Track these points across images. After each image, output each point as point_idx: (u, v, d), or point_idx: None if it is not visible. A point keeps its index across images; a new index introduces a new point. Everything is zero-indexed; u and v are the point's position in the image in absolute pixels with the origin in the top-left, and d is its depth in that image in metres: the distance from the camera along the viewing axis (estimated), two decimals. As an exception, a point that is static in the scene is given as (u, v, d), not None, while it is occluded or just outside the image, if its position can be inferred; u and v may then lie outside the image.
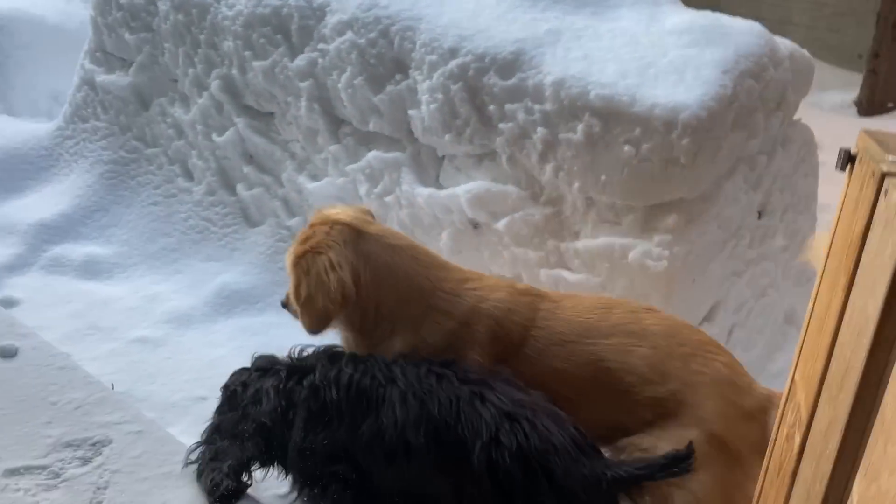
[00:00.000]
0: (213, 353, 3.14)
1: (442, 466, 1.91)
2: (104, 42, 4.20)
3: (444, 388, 1.94)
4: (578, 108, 2.51)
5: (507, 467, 1.83)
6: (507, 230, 2.77)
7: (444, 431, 1.91)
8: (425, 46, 2.85)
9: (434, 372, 1.99)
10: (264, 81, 3.44)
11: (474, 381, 1.95)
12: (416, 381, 1.97)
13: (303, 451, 2.04)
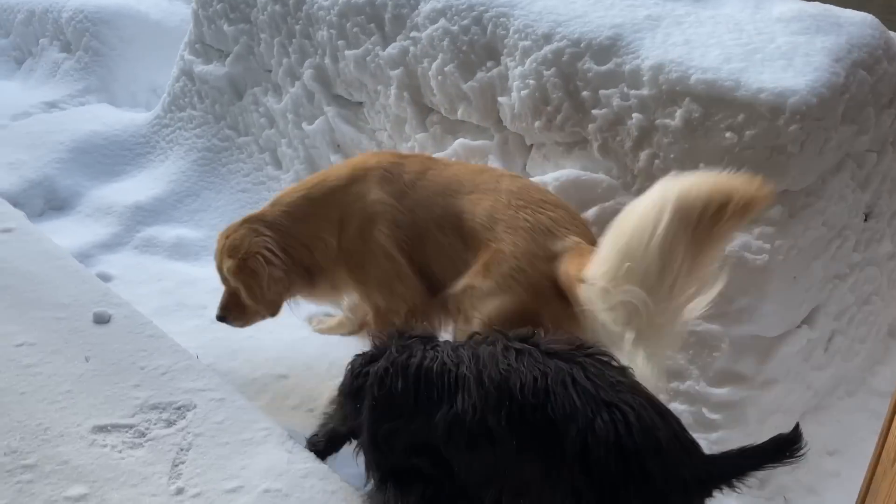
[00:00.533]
0: (294, 335, 3.17)
1: (530, 451, 1.77)
2: (203, 34, 4.34)
3: (527, 365, 1.81)
4: (678, 93, 2.42)
5: (603, 460, 1.68)
6: (595, 220, 2.69)
7: (530, 413, 1.76)
8: (519, 32, 2.82)
9: (512, 348, 1.86)
10: (355, 70, 3.47)
11: (562, 355, 1.83)
12: (492, 361, 1.84)
13: (375, 442, 1.96)
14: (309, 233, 2.66)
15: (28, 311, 2.74)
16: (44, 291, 2.86)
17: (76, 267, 3.11)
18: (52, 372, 2.44)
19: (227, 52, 4.23)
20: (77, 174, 4.41)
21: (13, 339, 2.57)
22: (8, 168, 4.35)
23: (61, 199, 4.30)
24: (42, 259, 3.10)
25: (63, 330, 2.65)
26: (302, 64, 3.76)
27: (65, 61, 5.52)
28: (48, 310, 2.75)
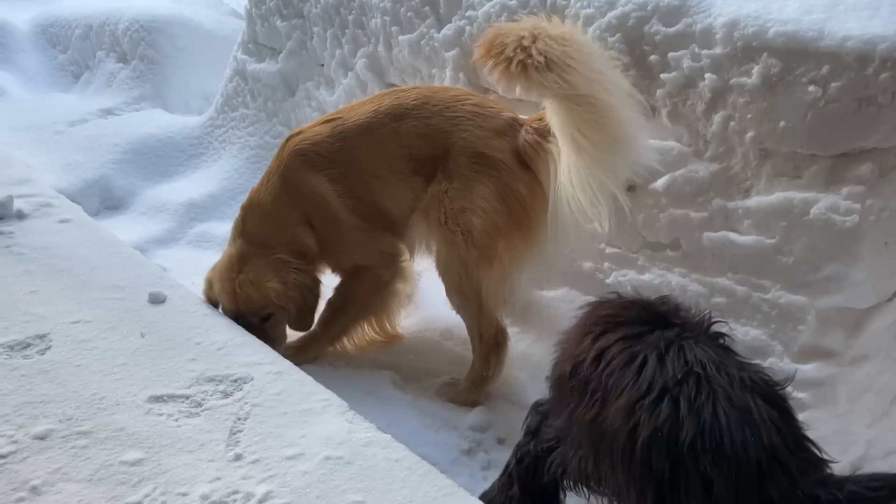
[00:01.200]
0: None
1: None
2: (257, 33, 4.36)
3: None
4: (754, 49, 2.29)
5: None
6: (665, 190, 2.56)
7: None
8: (580, 1, 2.73)
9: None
10: (410, 56, 3.42)
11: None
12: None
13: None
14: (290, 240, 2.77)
15: (84, 292, 2.71)
16: (100, 274, 2.84)
17: (131, 253, 3.10)
18: (107, 346, 2.39)
19: (279, 49, 4.24)
20: (132, 175, 4.45)
21: (69, 317, 2.54)
22: (66, 169, 4.42)
23: (116, 199, 4.34)
24: (98, 246, 3.08)
25: (119, 309, 2.61)
26: (355, 54, 3.73)
27: (121, 71, 5.62)
28: (104, 291, 2.72)
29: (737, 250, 2.43)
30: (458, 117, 2.51)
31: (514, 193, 2.44)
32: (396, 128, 2.57)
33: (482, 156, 2.46)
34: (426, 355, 2.96)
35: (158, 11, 5.70)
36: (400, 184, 2.60)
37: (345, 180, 2.65)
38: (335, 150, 2.65)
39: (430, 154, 2.53)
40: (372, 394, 2.69)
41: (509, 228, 2.45)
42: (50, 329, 2.45)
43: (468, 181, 2.46)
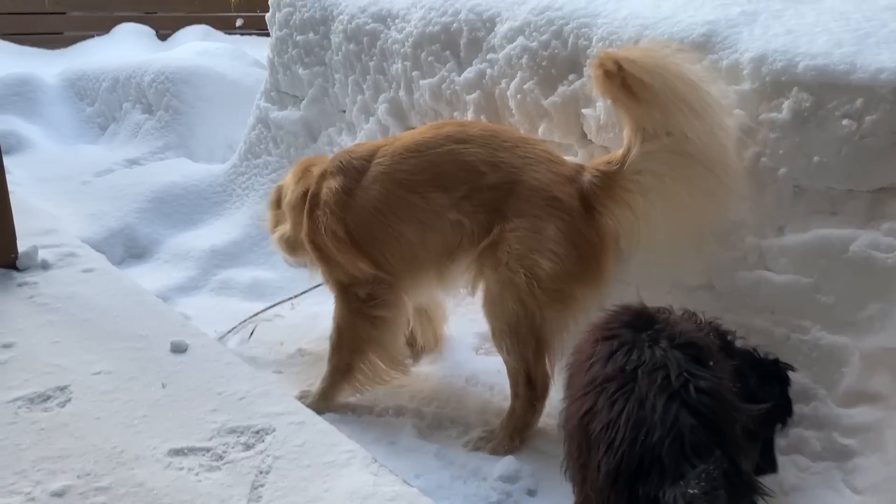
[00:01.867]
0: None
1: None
2: (279, 81, 4.41)
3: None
4: (784, 84, 2.25)
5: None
6: (696, 230, 2.49)
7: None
8: (603, 41, 2.71)
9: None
10: (431, 100, 3.42)
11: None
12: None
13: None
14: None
15: (106, 342, 2.68)
16: (122, 324, 2.82)
17: (154, 301, 3.08)
18: (128, 398, 2.35)
19: (301, 96, 4.28)
20: (156, 223, 4.47)
21: (90, 368, 2.51)
22: (91, 218, 4.45)
23: (141, 247, 4.35)
24: (121, 295, 3.07)
25: (140, 359, 2.58)
26: (376, 100, 3.74)
27: (146, 122, 5.71)
28: (126, 340, 2.70)
29: (773, 290, 2.35)
30: (529, 157, 2.47)
31: (587, 239, 2.38)
32: (459, 150, 2.51)
33: (556, 199, 2.39)
34: (451, 402, 2.88)
35: (183, 63, 5.80)
36: (442, 202, 2.51)
37: (362, 197, 2.62)
38: (373, 165, 2.64)
39: (493, 184, 2.45)
40: (396, 443, 2.62)
41: (579, 274, 2.40)
42: (71, 380, 2.42)
43: (539, 222, 2.38)
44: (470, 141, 2.52)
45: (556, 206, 2.39)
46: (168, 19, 9.19)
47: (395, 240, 2.61)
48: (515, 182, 2.43)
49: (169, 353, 2.61)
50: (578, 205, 2.39)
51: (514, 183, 2.43)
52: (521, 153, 2.48)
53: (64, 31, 8.69)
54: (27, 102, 6.21)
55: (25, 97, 6.28)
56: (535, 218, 2.38)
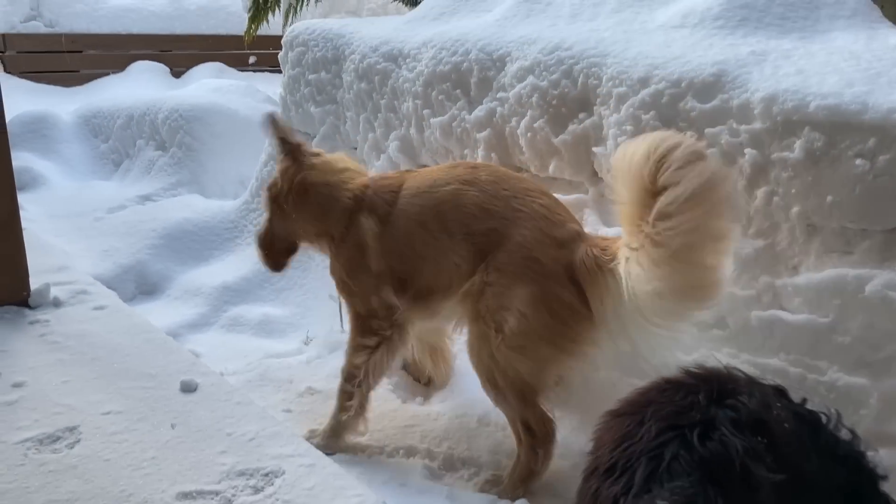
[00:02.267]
0: (381, 408, 3.00)
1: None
2: (291, 119, 4.45)
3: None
4: (795, 123, 2.24)
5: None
6: (709, 268, 2.48)
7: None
8: (613, 80, 2.72)
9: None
10: (441, 137, 3.44)
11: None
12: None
13: None
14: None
15: (115, 381, 2.68)
16: (132, 362, 2.81)
17: (164, 339, 3.07)
18: (137, 439, 2.33)
19: (313, 133, 4.31)
20: (168, 259, 4.49)
21: (100, 408, 2.50)
22: (103, 255, 4.48)
23: (151, 284, 4.37)
24: (132, 333, 3.07)
25: (150, 398, 2.56)
26: (387, 137, 3.77)
27: (159, 158, 5.78)
28: (136, 379, 2.69)
29: (788, 329, 2.32)
30: (523, 212, 2.43)
31: (560, 301, 2.35)
32: (462, 191, 2.54)
33: (535, 260, 2.37)
34: (463, 442, 2.84)
35: (197, 101, 5.89)
36: (447, 243, 2.54)
37: (391, 228, 2.66)
38: (400, 196, 2.67)
39: (484, 230, 2.47)
40: (407, 485, 2.59)
41: (549, 333, 2.38)
42: (80, 421, 2.41)
43: (514, 280, 2.38)
44: (474, 184, 2.54)
45: (534, 267, 2.37)
46: (182, 57, 9.36)
47: (418, 273, 2.63)
48: (503, 235, 2.43)
49: (178, 393, 2.60)
50: (560, 269, 2.35)
51: (502, 235, 2.43)
52: (516, 204, 2.45)
53: (80, 69, 8.86)
54: (42, 139, 6.31)
55: (41, 134, 6.38)
56: (512, 275, 2.39)
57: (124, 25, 8.96)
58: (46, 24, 8.71)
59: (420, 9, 4.06)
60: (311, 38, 4.26)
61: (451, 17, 3.81)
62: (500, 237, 2.42)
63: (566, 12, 3.26)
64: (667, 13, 2.97)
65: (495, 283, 2.41)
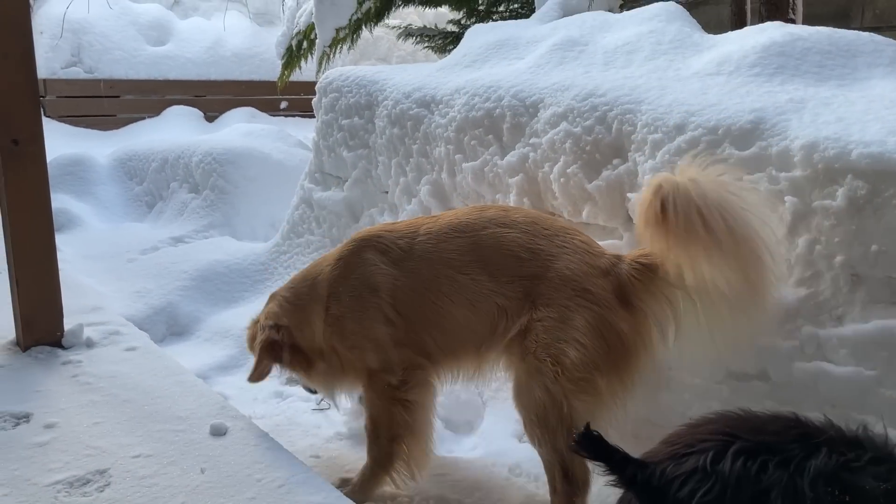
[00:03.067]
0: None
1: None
2: (323, 163, 4.50)
3: None
4: (837, 171, 2.21)
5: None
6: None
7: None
8: (647, 126, 2.72)
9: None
10: (473, 182, 3.45)
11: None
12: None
13: None
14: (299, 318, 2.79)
15: (146, 424, 2.67)
16: (163, 404, 2.81)
17: (194, 382, 3.07)
18: (167, 483, 2.31)
19: (345, 178, 4.35)
20: (198, 301, 4.52)
21: (130, 451, 2.49)
22: (135, 296, 4.51)
23: (182, 325, 4.39)
24: (162, 375, 3.08)
25: (180, 442, 2.55)
26: (419, 182, 3.79)
27: (192, 201, 5.86)
28: (166, 422, 2.68)
29: (833, 382, 2.25)
30: (566, 247, 2.46)
31: (615, 331, 2.33)
32: (502, 234, 2.52)
33: (586, 290, 2.37)
34: (494, 493, 2.78)
35: (230, 144, 5.99)
36: (489, 287, 2.49)
37: (411, 276, 2.59)
38: (416, 243, 2.62)
39: (530, 272, 2.45)
40: (438, 538, 2.53)
41: (607, 365, 2.35)
42: (110, 464, 2.39)
43: (567, 312, 2.36)
44: (513, 226, 2.53)
45: (586, 297, 2.37)
46: (216, 102, 9.57)
47: (444, 320, 2.55)
48: (549, 270, 2.43)
49: (209, 436, 2.58)
50: (611, 297, 2.36)
51: (548, 270, 2.43)
52: (559, 242, 2.47)
53: (117, 113, 9.08)
54: (79, 182, 6.45)
55: (78, 176, 6.52)
56: (564, 308, 2.37)
57: (161, 71, 9.21)
58: (86, 70, 8.97)
59: (452, 56, 4.12)
60: (345, 85, 4.33)
61: (483, 64, 3.86)
62: (545, 273, 2.42)
63: (599, 60, 3.28)
64: (701, 61, 2.97)
65: (545, 318, 2.37)
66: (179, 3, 10.08)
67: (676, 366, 2.65)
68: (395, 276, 2.61)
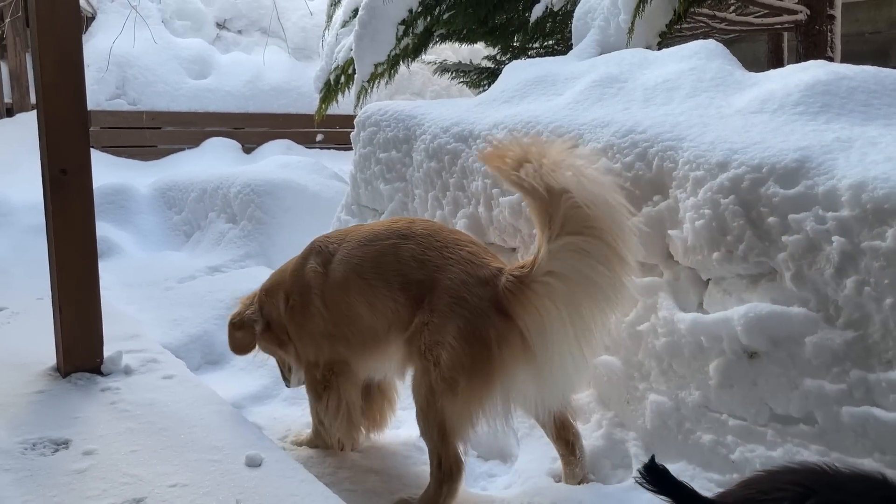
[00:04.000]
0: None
1: None
2: (360, 195, 4.54)
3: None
4: (886, 212, 2.17)
5: None
6: (794, 359, 2.37)
7: None
8: (689, 164, 2.70)
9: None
10: (510, 216, 3.45)
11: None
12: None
13: None
14: (272, 305, 3.29)
15: (183, 453, 2.68)
16: (199, 434, 2.82)
17: (230, 411, 3.08)
18: (202, 514, 2.31)
19: (381, 210, 4.38)
20: (234, 330, 4.54)
21: (167, 480, 2.49)
22: (173, 324, 4.56)
23: (217, 354, 4.41)
24: (199, 404, 3.10)
25: (216, 472, 2.55)
26: (455, 215, 3.80)
27: (230, 231, 5.94)
28: (203, 452, 2.68)
29: (883, 428, 2.18)
30: (451, 258, 2.74)
31: (482, 337, 2.59)
32: (399, 244, 2.85)
33: (462, 299, 2.65)
34: (390, 475, 2.99)
35: (269, 176, 6.08)
36: (384, 292, 2.83)
37: (334, 275, 2.99)
38: (341, 248, 3.02)
39: (418, 279, 2.76)
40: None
41: (470, 367, 2.59)
42: (147, 493, 2.40)
43: (445, 318, 2.65)
44: (411, 237, 2.85)
45: (461, 305, 2.64)
46: (253, 134, 9.75)
47: (355, 316, 2.92)
48: (434, 280, 2.72)
49: (244, 467, 2.58)
50: (486, 304, 2.62)
51: (434, 281, 2.72)
52: (446, 253, 2.76)
53: (158, 144, 9.30)
54: (120, 210, 6.58)
55: (119, 205, 6.65)
56: (442, 314, 2.66)
57: (202, 104, 9.42)
58: (130, 102, 9.22)
59: (490, 92, 4.16)
60: (383, 119, 4.39)
61: (521, 100, 3.88)
62: (432, 283, 2.72)
63: (639, 97, 3.28)
64: (743, 99, 2.96)
65: (430, 322, 2.68)
66: (221, 37, 10.35)
67: (717, 407, 2.59)
68: (322, 275, 3.03)
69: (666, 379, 2.76)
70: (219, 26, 10.36)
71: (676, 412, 2.71)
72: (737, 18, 5.65)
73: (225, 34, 10.28)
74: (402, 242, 2.84)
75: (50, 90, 3.20)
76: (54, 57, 3.18)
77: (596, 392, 3.05)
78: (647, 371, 2.83)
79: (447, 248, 2.77)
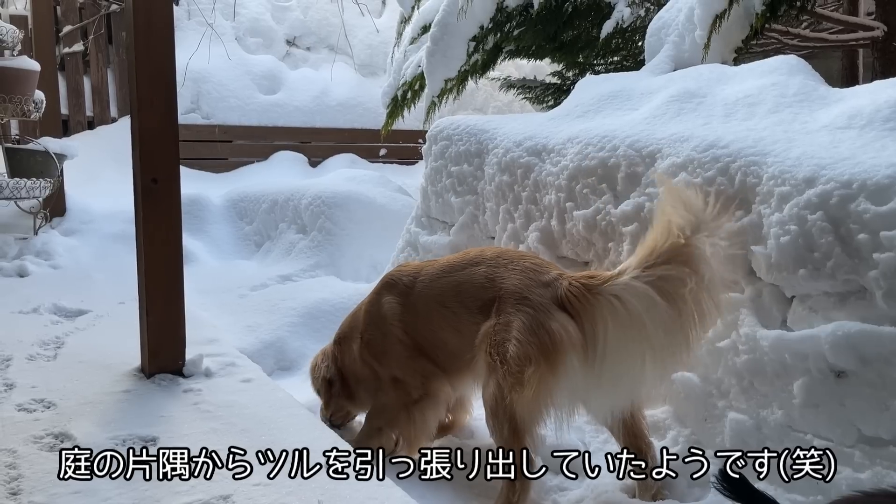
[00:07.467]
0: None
1: None
2: (430, 207, 4.60)
3: None
4: None
5: None
6: (884, 380, 2.31)
7: None
8: (774, 179, 2.67)
9: None
10: (584, 230, 3.45)
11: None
12: None
13: None
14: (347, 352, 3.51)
15: (264, 454, 2.75)
16: (279, 435, 2.89)
17: (307, 415, 3.15)
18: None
19: (451, 222, 4.44)
20: (305, 337, 4.66)
21: (252, 479, 2.56)
22: (246, 330, 4.70)
23: (289, 360, 4.52)
24: (277, 406, 3.18)
25: (297, 473, 2.61)
26: (527, 228, 3.83)
27: (300, 241, 6.08)
28: (283, 453, 2.75)
29: (984, 453, 2.11)
30: (515, 269, 2.94)
31: (545, 329, 2.69)
32: (473, 270, 3.05)
33: (524, 298, 2.81)
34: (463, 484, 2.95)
35: (338, 188, 6.21)
36: (466, 317, 3.00)
37: (413, 306, 3.20)
38: (417, 281, 3.22)
39: (490, 297, 2.93)
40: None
41: (537, 357, 2.67)
42: (233, 490, 2.48)
43: (510, 317, 2.79)
44: (482, 262, 3.06)
45: (524, 303, 2.80)
46: (319, 148, 9.95)
47: (442, 343, 3.12)
48: (501, 289, 2.91)
49: (324, 469, 2.64)
50: (548, 302, 2.77)
51: (501, 290, 2.91)
52: (512, 268, 2.95)
53: (228, 157, 9.58)
54: (195, 220, 6.80)
55: (194, 215, 6.88)
56: (508, 314, 2.82)
57: (271, 118, 9.67)
58: (203, 116, 9.52)
59: (563, 107, 4.18)
60: (455, 133, 4.45)
61: (595, 115, 3.89)
62: (499, 292, 2.90)
63: (719, 112, 3.26)
64: (829, 114, 2.91)
65: (497, 324, 2.84)
66: (290, 54, 10.63)
67: (801, 426, 2.54)
68: (400, 305, 3.24)
69: (747, 397, 2.71)
70: (289, 43, 10.64)
71: (758, 431, 2.66)
72: (810, 35, 5.54)
73: (294, 51, 10.56)
74: (474, 268, 3.05)
75: (144, 103, 3.36)
76: (149, 71, 3.34)
77: (672, 408, 3.01)
78: (726, 389, 2.79)
79: (512, 263, 2.97)
